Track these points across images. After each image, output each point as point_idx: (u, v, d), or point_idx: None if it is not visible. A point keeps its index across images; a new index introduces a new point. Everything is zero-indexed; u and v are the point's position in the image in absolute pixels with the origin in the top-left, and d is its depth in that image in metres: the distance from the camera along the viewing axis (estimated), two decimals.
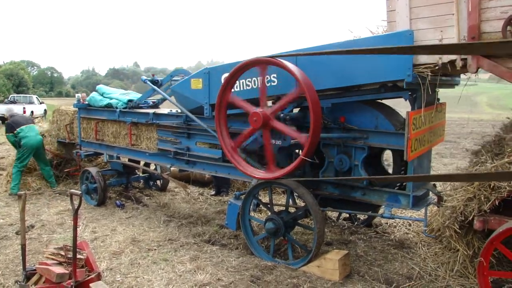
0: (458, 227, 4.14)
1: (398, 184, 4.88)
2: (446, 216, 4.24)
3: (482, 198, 3.87)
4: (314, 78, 4.45)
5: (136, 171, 8.55)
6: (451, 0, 3.82)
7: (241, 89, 5.21)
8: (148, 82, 6.98)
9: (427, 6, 3.98)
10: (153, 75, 7.23)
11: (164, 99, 7.32)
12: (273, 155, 4.82)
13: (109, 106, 7.41)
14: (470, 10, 3.69)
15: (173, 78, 7.11)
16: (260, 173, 4.91)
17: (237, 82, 5.11)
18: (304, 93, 4.29)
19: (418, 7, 4.02)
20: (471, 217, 3.94)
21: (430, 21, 3.98)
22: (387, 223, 6.28)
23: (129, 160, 7.86)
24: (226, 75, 5.10)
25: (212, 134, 5.66)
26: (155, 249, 5.33)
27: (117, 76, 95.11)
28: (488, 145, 4.36)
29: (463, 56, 3.86)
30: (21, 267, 4.07)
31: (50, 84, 74.47)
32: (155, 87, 6.92)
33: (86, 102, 7.94)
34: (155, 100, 7.70)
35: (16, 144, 8.18)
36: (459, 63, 3.88)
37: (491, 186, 3.84)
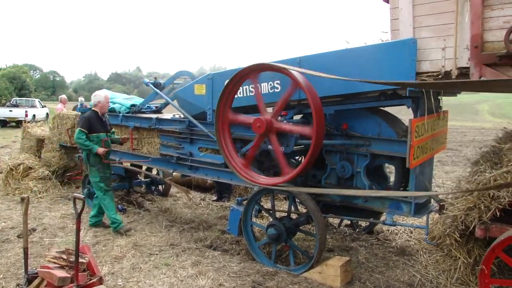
0: (458, 235, 4.14)
1: (401, 189, 4.89)
2: (447, 225, 4.24)
3: (482, 207, 3.87)
4: (317, 85, 4.47)
5: (138, 175, 8.56)
6: (455, 9, 3.85)
7: (244, 95, 5.24)
8: (151, 85, 7.00)
9: (431, 15, 4.01)
10: (155, 78, 7.23)
11: (167, 104, 7.35)
12: (284, 159, 4.69)
13: (112, 110, 7.43)
14: (472, 19, 3.71)
15: (176, 81, 7.13)
16: (263, 180, 4.91)
17: (240, 88, 5.13)
18: (308, 99, 4.31)
19: (421, 16, 4.05)
20: (472, 227, 3.94)
21: (434, 30, 4.01)
22: (388, 230, 6.27)
23: (131, 165, 7.88)
24: None
25: (214, 140, 5.68)
26: (156, 254, 5.34)
27: (119, 80, 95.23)
28: (487, 155, 4.37)
29: (460, 65, 3.88)
30: (23, 270, 4.07)
31: (52, 88, 74.67)
32: (157, 90, 6.93)
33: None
34: (158, 105, 7.73)
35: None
36: (454, 72, 3.90)
37: (491, 196, 3.85)
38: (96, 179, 6.23)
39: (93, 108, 6.39)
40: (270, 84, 4.94)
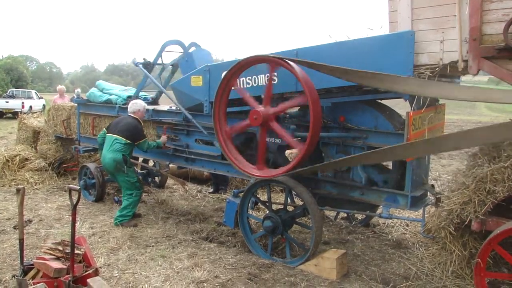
0: (453, 228, 4.14)
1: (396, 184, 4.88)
2: (442, 218, 4.24)
3: (477, 201, 3.87)
4: (315, 77, 4.45)
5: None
6: (453, 2, 3.83)
7: (242, 87, 5.21)
8: (140, 66, 6.94)
9: (429, 7, 3.98)
10: (144, 59, 7.12)
11: (161, 92, 7.30)
12: (264, 153, 4.82)
13: (108, 102, 7.41)
14: (471, 12, 3.69)
15: (166, 50, 7.04)
16: (259, 172, 4.91)
17: (237, 80, 5.11)
18: (305, 91, 4.29)
19: (420, 8, 4.03)
20: (467, 221, 3.94)
21: (432, 22, 3.98)
22: (384, 223, 6.29)
23: None
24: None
25: (205, 132, 5.78)
26: (152, 246, 5.34)
27: (116, 72, 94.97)
28: (486, 148, 4.36)
29: (465, 58, 3.86)
30: (19, 261, 4.05)
31: (49, 79, 74.31)
32: (146, 71, 6.92)
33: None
34: (153, 96, 7.68)
35: None
36: (460, 65, 3.88)
37: (487, 190, 3.84)
38: (134, 179, 6.33)
39: (134, 116, 6.34)
40: (267, 76, 4.91)
